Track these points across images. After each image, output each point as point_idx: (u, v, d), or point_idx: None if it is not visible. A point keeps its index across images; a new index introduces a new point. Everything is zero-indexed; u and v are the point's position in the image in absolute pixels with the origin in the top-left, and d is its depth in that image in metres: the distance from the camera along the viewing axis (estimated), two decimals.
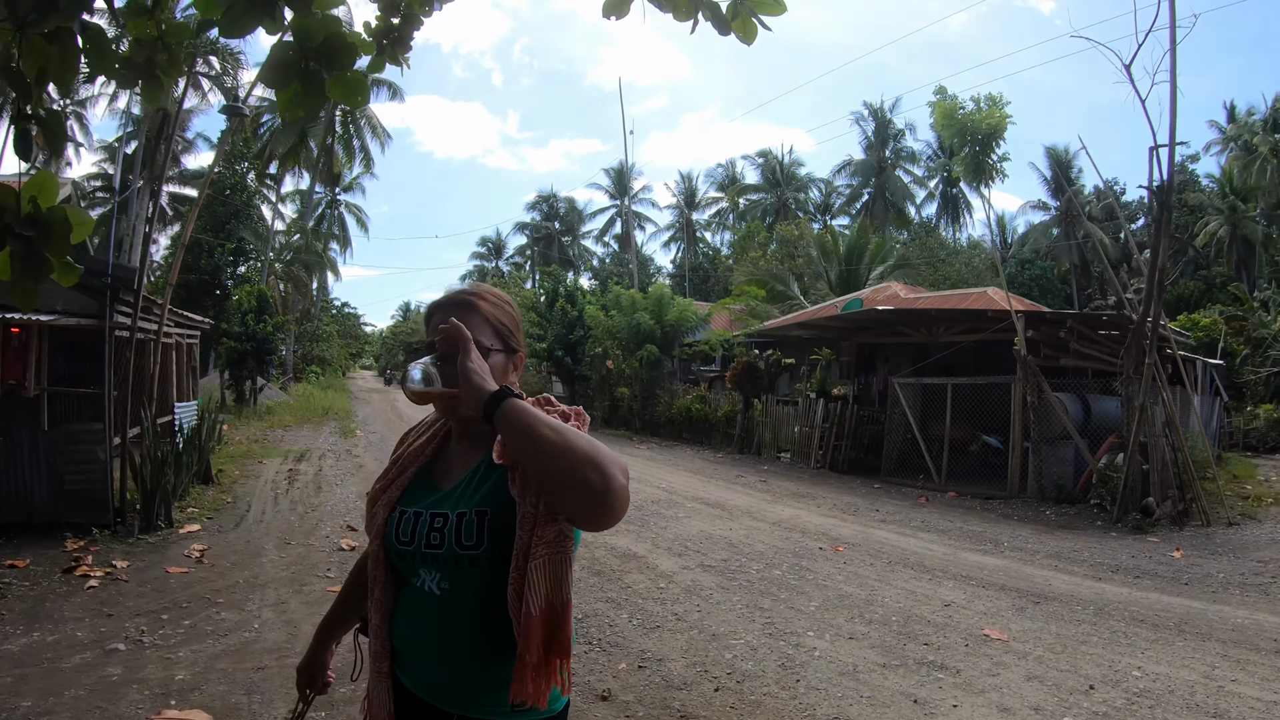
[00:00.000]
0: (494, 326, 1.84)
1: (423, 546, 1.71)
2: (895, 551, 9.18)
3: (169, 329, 12.54)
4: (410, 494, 1.83)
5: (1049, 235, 48.85)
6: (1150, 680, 5.21)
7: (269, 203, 39.22)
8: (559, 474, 1.46)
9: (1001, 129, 13.80)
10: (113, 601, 6.30)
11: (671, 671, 5.27)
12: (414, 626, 1.77)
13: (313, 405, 28.13)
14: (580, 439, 1.48)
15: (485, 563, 1.66)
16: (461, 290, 1.89)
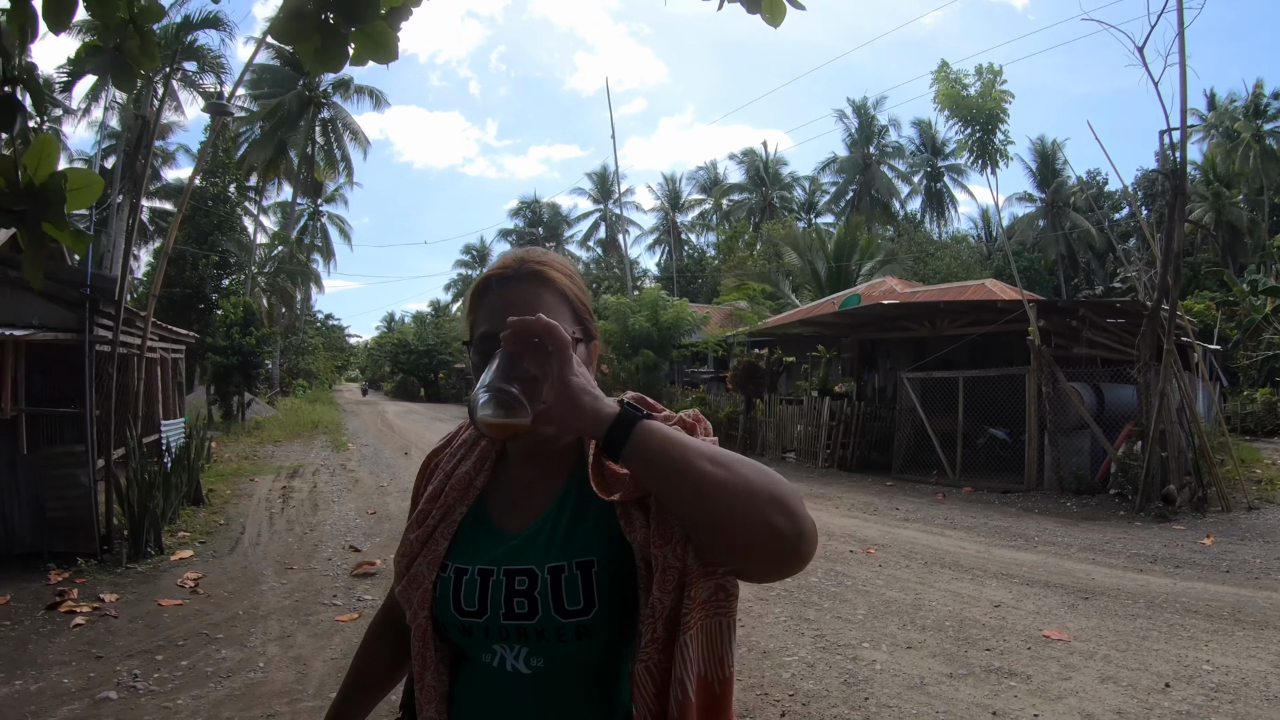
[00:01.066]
0: (573, 306, 1.34)
1: (501, 618, 1.23)
2: (927, 551, 8.85)
3: (153, 343, 12.00)
4: (466, 544, 1.32)
5: (1035, 227, 48.87)
6: (1223, 674, 5.05)
7: (251, 215, 38.71)
8: (731, 523, 1.06)
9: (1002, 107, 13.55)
10: (102, 641, 5.71)
11: None
12: (492, 712, 1.27)
13: (302, 419, 27.53)
14: (753, 470, 1.07)
15: (599, 630, 1.20)
16: (525, 256, 1.37)
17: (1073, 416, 12.88)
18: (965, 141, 14.05)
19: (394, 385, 62.23)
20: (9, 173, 1.80)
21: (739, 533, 1.06)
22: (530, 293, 1.29)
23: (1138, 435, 11.86)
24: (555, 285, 1.32)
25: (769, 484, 1.06)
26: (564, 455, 1.31)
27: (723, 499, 1.04)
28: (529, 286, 1.30)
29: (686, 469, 1.05)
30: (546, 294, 1.30)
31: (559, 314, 1.27)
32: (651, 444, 1.05)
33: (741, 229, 47.31)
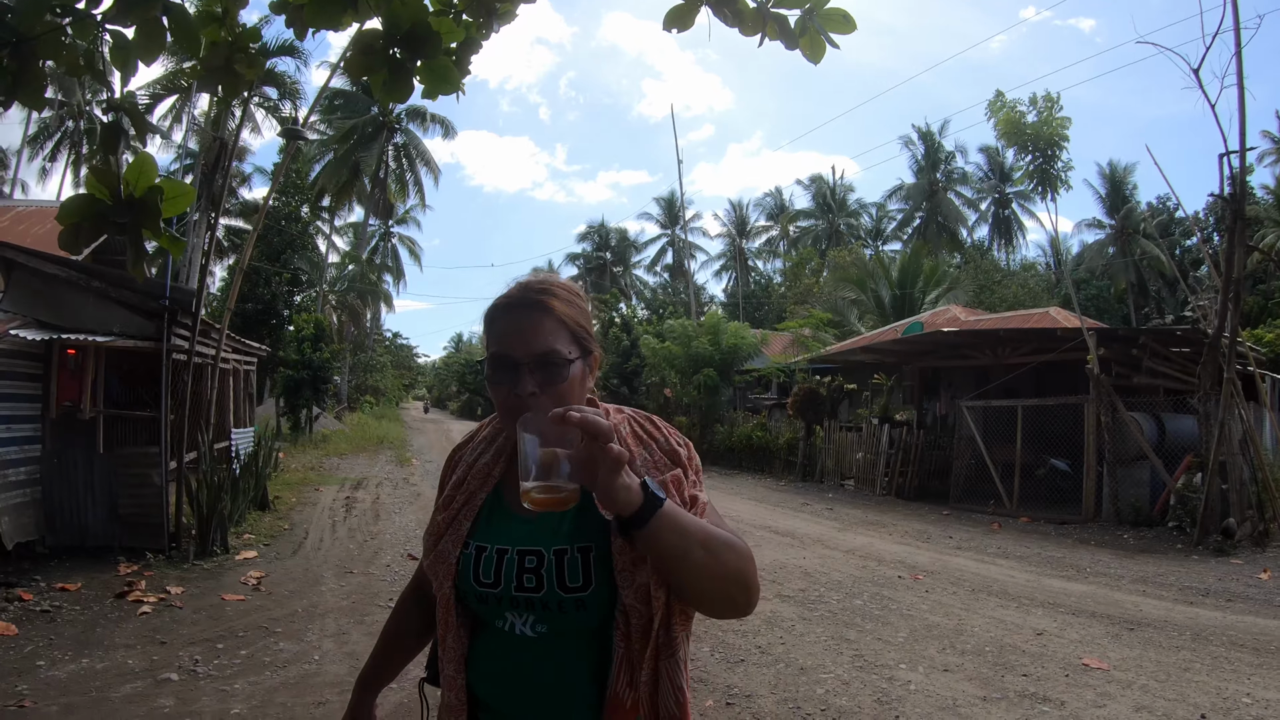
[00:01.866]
0: (570, 329, 1.54)
1: (513, 590, 1.47)
2: (976, 579, 8.82)
3: (226, 354, 12.48)
4: (486, 525, 1.56)
5: (1104, 254, 47.95)
6: (1262, 708, 4.97)
7: (323, 234, 39.68)
8: (701, 595, 1.39)
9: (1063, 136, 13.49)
10: (166, 629, 6.07)
11: (762, 708, 4.96)
12: (503, 673, 1.53)
13: (367, 434, 28.20)
14: (732, 555, 1.36)
15: (594, 604, 1.45)
16: (528, 284, 1.59)
17: (1132, 447, 12.69)
18: (1026, 168, 13.99)
19: (460, 404, 62.88)
20: (114, 186, 2.07)
21: (705, 601, 1.40)
22: (531, 319, 1.50)
23: (1197, 467, 11.63)
24: (554, 313, 1.51)
25: (740, 569, 1.36)
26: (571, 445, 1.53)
27: (703, 582, 1.34)
28: (530, 313, 1.51)
29: (683, 559, 1.30)
30: (547, 320, 1.50)
31: (557, 336, 1.49)
32: (660, 537, 1.27)
33: (808, 255, 47.19)
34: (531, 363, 1.46)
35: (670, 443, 1.57)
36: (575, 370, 1.50)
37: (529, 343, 1.47)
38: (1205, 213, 45.16)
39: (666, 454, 1.54)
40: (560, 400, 1.43)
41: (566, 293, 1.58)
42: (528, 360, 1.46)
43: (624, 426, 1.57)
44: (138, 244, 2.15)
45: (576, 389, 1.50)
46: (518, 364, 1.46)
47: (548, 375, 1.46)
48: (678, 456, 1.54)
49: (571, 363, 1.49)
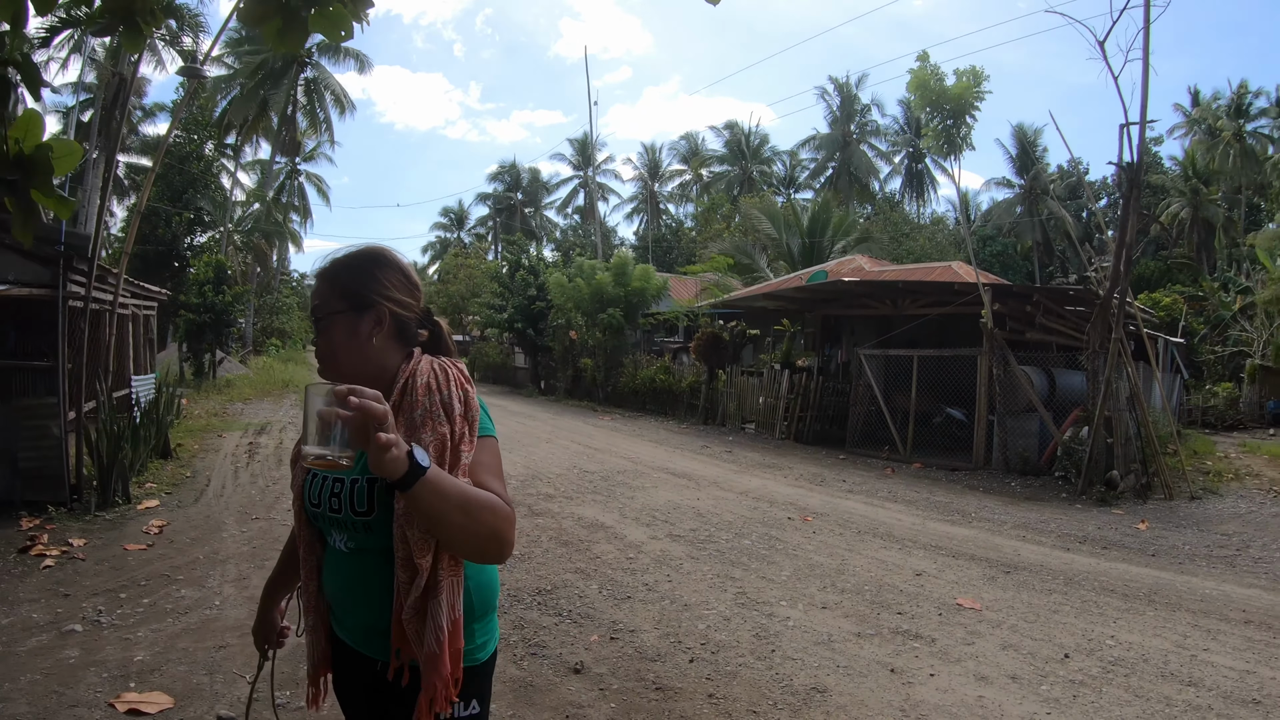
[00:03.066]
0: (341, 287, 1.85)
1: (328, 510, 1.79)
2: (864, 521, 9.16)
3: (125, 299, 12.16)
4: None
5: (1012, 213, 49.22)
6: (1124, 649, 5.25)
7: (228, 172, 38.43)
8: (460, 547, 1.65)
9: (973, 102, 13.76)
10: (69, 581, 6.05)
11: (645, 643, 5.19)
12: (334, 581, 1.86)
13: (273, 378, 27.65)
14: (488, 515, 1.60)
15: (379, 527, 1.72)
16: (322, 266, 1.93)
17: (1022, 399, 13.19)
18: (934, 129, 14.25)
19: None
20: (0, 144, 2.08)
21: (463, 551, 1.66)
22: (319, 287, 1.88)
23: (1084, 420, 12.15)
24: (328, 280, 1.88)
25: (494, 528, 1.60)
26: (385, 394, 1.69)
27: (461, 538, 1.59)
28: (320, 283, 1.89)
29: (442, 520, 1.54)
30: (323, 287, 1.87)
31: (328, 300, 1.84)
32: (421, 501, 1.49)
33: (720, 201, 47.36)
34: (315, 321, 1.86)
35: (451, 396, 1.78)
36: (340, 324, 1.82)
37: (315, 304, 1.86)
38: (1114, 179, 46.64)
39: (444, 405, 1.75)
40: (330, 350, 1.83)
41: (348, 259, 1.92)
42: (315, 319, 1.86)
43: (422, 378, 1.80)
44: (26, 204, 2.17)
45: (342, 339, 1.82)
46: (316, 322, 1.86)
47: (318, 329, 1.85)
48: (452, 408, 1.76)
49: (335, 315, 1.82)
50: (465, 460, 1.71)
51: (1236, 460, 14.71)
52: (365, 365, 1.82)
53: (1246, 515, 10.33)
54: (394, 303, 1.87)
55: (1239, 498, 11.42)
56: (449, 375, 1.83)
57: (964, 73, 13.85)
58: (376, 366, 1.83)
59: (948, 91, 13.70)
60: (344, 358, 1.82)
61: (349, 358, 1.82)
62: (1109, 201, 50.63)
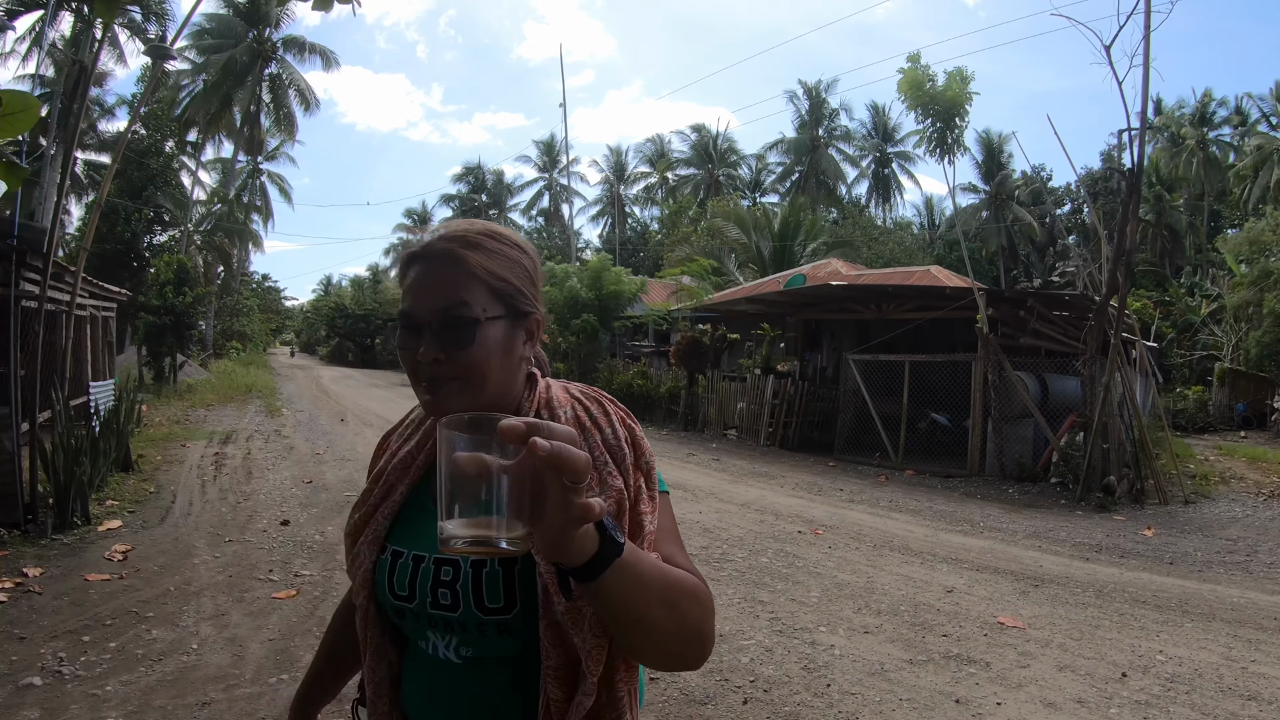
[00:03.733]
0: (488, 285, 1.27)
1: (428, 606, 1.25)
2: (876, 534, 8.83)
3: (83, 300, 11.48)
4: (403, 527, 1.33)
5: (978, 217, 49.41)
6: (1176, 665, 5.11)
7: (188, 170, 37.45)
8: (650, 654, 1.13)
9: (964, 103, 13.56)
10: (25, 620, 5.26)
11: (689, 683, 4.68)
12: (435, 704, 1.30)
13: (235, 383, 26.72)
14: (694, 607, 1.10)
15: (520, 629, 1.20)
16: (443, 233, 1.30)
17: (1017, 405, 13.02)
18: (925, 131, 14.01)
19: (329, 349, 61.24)
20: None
21: (655, 657, 1.13)
22: (437, 272, 1.26)
23: (1080, 426, 12.02)
24: (464, 264, 1.25)
25: (699, 623, 1.11)
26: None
27: (656, 640, 1.06)
28: (437, 265, 1.26)
29: (638, 618, 1.03)
30: (453, 273, 1.25)
31: (467, 292, 1.24)
32: (612, 594, 0.98)
33: (687, 204, 47.12)
34: (435, 323, 1.22)
35: (617, 437, 1.29)
36: (493, 333, 1.24)
37: (433, 299, 1.24)
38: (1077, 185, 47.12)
39: (610, 450, 1.26)
40: (473, 370, 1.22)
41: (493, 241, 1.31)
42: (431, 319, 1.22)
43: (565, 409, 1.32)
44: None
45: (496, 356, 1.24)
46: (420, 325, 1.23)
47: (453, 337, 1.21)
48: (623, 454, 1.26)
49: (482, 323, 1.23)
50: (649, 526, 1.22)
51: (1217, 463, 14.96)
52: (505, 396, 1.31)
53: (1245, 519, 10.44)
54: (540, 313, 1.37)
55: (1231, 501, 11.60)
56: (605, 407, 1.35)
57: (953, 74, 13.77)
58: (510, 397, 1.33)
59: (941, 92, 13.49)
60: (492, 384, 1.27)
61: (496, 385, 1.28)
62: (1072, 207, 51.19)
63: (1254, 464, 14.98)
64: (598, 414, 1.31)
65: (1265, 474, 13.77)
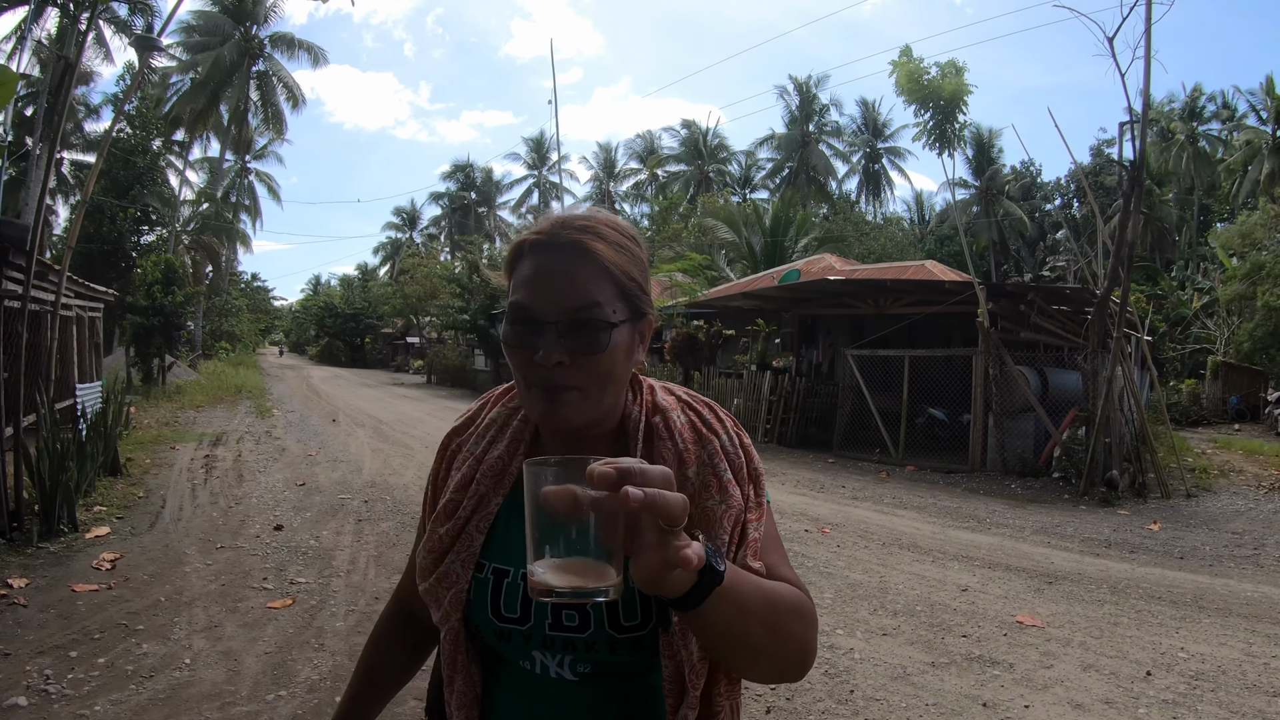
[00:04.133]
0: (618, 282, 1.14)
1: (547, 628, 1.16)
2: (883, 531, 8.68)
3: (68, 300, 11.23)
4: (505, 540, 1.21)
5: (969, 213, 49.41)
6: (1199, 662, 5.05)
7: (175, 170, 37.12)
8: (752, 671, 1.11)
9: (963, 96, 13.44)
10: (10, 635, 4.98)
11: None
12: (534, 717, 1.20)
13: (225, 383, 26.53)
14: (798, 625, 1.06)
15: (652, 642, 1.13)
16: (566, 221, 1.16)
17: (1018, 399, 12.93)
18: (924, 125, 13.86)
19: (319, 349, 61.21)
20: None
21: (758, 672, 1.11)
22: (566, 265, 1.12)
23: (1082, 420, 11.95)
24: (598, 259, 1.13)
25: (804, 639, 1.07)
26: (613, 436, 1.20)
27: (759, 661, 1.04)
28: (566, 257, 1.13)
29: (740, 640, 0.98)
30: (586, 268, 1.12)
31: (599, 290, 1.11)
32: (717, 619, 0.93)
33: (677, 200, 46.95)
34: (561, 323, 1.09)
35: (733, 439, 1.22)
36: (621, 338, 1.12)
37: (561, 295, 1.10)
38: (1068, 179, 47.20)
39: (729, 456, 1.19)
40: (598, 378, 1.11)
41: (617, 234, 1.18)
42: (557, 319, 1.09)
43: (678, 415, 1.22)
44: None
45: (621, 363, 1.14)
46: (542, 323, 1.09)
47: (582, 341, 1.09)
48: (740, 461, 1.20)
49: (615, 326, 1.11)
50: (753, 535, 1.14)
51: (1215, 456, 14.97)
52: (618, 404, 1.21)
53: (1249, 513, 10.40)
54: (654, 313, 1.25)
55: (1233, 494, 11.59)
56: (716, 412, 1.26)
57: (946, 66, 13.67)
58: (621, 404, 1.22)
59: (939, 86, 13.36)
60: (612, 393, 1.17)
61: (614, 394, 1.18)
62: (1062, 202, 51.27)
63: (1251, 457, 14.98)
64: (712, 419, 1.24)
65: (1263, 467, 13.73)
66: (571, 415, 1.10)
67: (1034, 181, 51.03)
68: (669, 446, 1.17)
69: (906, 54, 13.60)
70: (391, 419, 18.53)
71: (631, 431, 1.19)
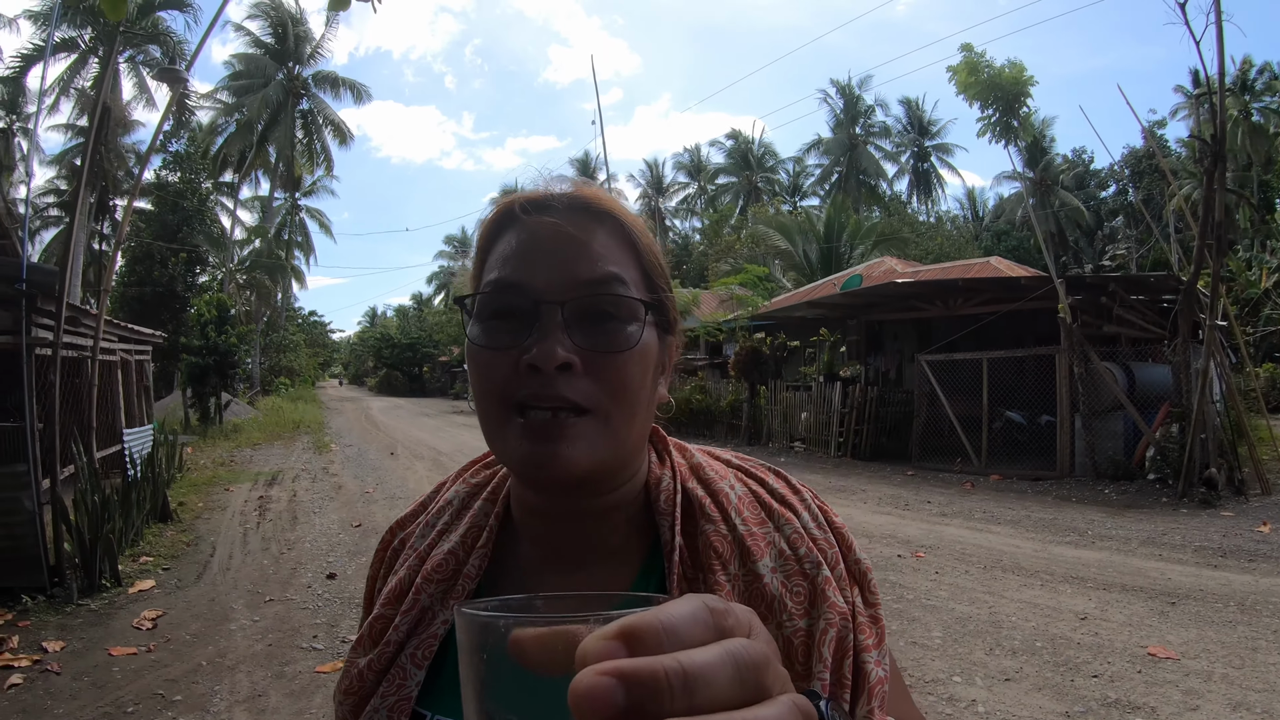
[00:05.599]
0: (644, 264, 0.81)
1: None
2: (981, 553, 8.02)
3: (111, 344, 10.96)
4: (448, 679, 0.80)
5: (1025, 206, 48.28)
6: None
7: (226, 210, 37.67)
8: None
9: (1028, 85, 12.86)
10: (39, 707, 4.57)
11: None
12: None
13: (283, 419, 26.52)
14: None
15: None
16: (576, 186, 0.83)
17: (1105, 398, 12.18)
18: (987, 118, 13.27)
19: (378, 380, 61.91)
20: None
21: None
22: (574, 228, 0.77)
23: (1175, 417, 11.21)
24: (618, 222, 0.80)
25: None
26: (630, 512, 0.84)
27: None
28: (573, 218, 0.78)
29: None
30: (602, 231, 0.78)
31: (622, 264, 0.77)
32: None
33: (728, 212, 46.58)
34: (569, 304, 0.73)
35: (818, 518, 0.84)
36: (649, 343, 0.78)
37: (569, 265, 0.75)
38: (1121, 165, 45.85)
39: (818, 545, 0.81)
40: (623, 394, 0.74)
41: (634, 213, 0.85)
42: (562, 298, 0.73)
43: (731, 487, 0.85)
44: None
45: (649, 379, 0.78)
46: (538, 305, 0.73)
47: (601, 332, 0.74)
48: (834, 552, 0.82)
49: (647, 309, 0.77)
50: (875, 673, 0.76)
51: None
52: (634, 460, 0.83)
53: None
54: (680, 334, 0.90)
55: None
56: (788, 479, 0.89)
57: (1009, 64, 13.11)
58: (636, 464, 0.84)
59: (1001, 78, 12.78)
60: (635, 431, 0.79)
61: (636, 436, 0.80)
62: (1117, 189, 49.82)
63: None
64: (784, 489, 0.86)
65: None
66: (579, 455, 0.73)
67: (1087, 170, 49.65)
68: (720, 532, 0.80)
69: (968, 49, 13.08)
70: (451, 449, 18.14)
71: (664, 506, 0.82)
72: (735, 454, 0.94)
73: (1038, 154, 49.04)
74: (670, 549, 0.78)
